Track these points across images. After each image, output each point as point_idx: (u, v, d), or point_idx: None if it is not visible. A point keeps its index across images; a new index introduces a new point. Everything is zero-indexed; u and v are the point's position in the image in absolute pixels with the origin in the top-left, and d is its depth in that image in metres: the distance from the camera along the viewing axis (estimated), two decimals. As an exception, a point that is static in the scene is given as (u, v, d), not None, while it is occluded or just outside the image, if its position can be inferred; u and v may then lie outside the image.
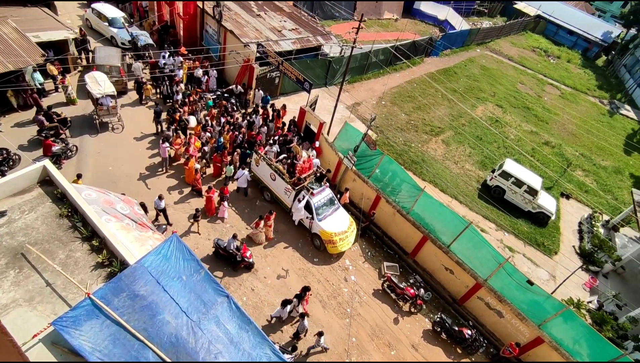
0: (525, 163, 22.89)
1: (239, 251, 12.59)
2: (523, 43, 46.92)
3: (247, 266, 13.00)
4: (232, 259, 12.74)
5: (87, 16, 22.25)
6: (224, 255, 12.77)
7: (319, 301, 13.20)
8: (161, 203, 13.18)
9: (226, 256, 12.78)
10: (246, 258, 12.77)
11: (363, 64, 26.17)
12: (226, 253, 12.71)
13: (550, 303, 12.71)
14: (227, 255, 12.72)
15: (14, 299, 6.70)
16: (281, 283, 13.31)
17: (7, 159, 13.40)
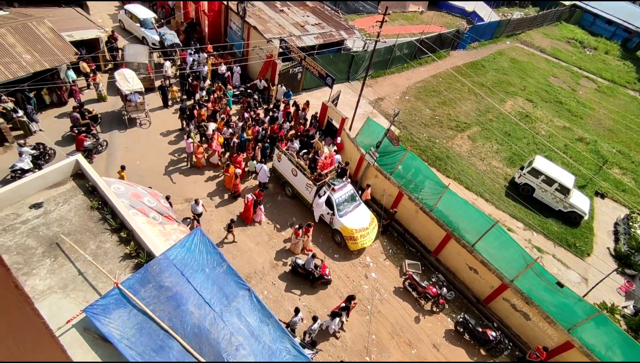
0: (556, 160, 21.94)
1: (317, 269, 12.80)
2: (557, 34, 44.81)
3: (324, 282, 13.15)
4: (310, 276, 12.94)
5: (120, 17, 22.98)
6: (302, 273, 12.97)
7: (339, 297, 13.20)
8: (198, 207, 13.27)
9: (304, 274, 12.97)
10: (325, 276, 12.90)
11: (387, 59, 25.77)
12: (304, 271, 12.89)
13: (581, 306, 12.17)
14: (305, 272, 12.91)
15: (50, 286, 7.05)
16: (301, 279, 13.38)
17: (44, 154, 14.08)
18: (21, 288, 1.47)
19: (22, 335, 1.49)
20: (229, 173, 14.88)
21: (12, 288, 1.39)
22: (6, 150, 14.51)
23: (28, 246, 7.45)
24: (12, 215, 7.91)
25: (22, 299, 1.43)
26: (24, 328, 1.47)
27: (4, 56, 14.67)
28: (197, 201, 13.29)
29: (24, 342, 1.53)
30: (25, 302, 1.44)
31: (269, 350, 7.29)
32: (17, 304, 1.41)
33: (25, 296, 1.43)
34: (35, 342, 1.59)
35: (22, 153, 13.24)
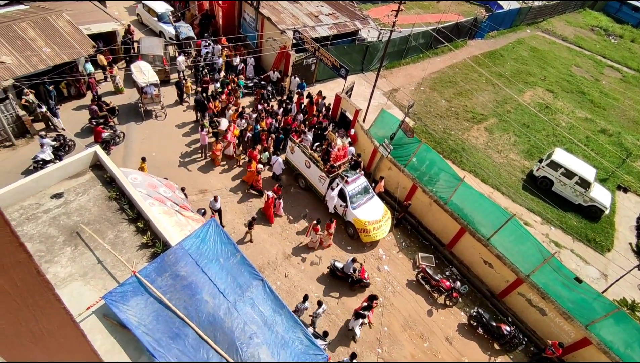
0: (577, 153, 21.30)
1: (355, 272, 12.76)
2: (580, 22, 43.13)
3: (363, 285, 13.11)
4: (349, 279, 12.91)
5: (138, 11, 23.19)
6: (341, 275, 12.95)
7: (351, 290, 13.24)
8: (216, 204, 13.23)
9: (343, 276, 12.95)
10: (364, 280, 12.84)
11: (402, 49, 25.32)
12: (343, 274, 12.88)
13: (600, 303, 11.90)
14: (344, 275, 12.90)
15: (71, 274, 7.29)
16: (314, 270, 13.48)
17: (64, 145, 14.46)
18: (43, 274, 1.53)
19: (44, 320, 1.55)
20: (251, 168, 14.83)
21: (35, 274, 1.45)
22: (28, 142, 14.95)
23: (50, 234, 7.70)
24: (34, 205, 8.17)
25: (44, 285, 1.48)
26: (46, 313, 1.53)
27: (26, 50, 15.03)
28: (216, 198, 13.26)
29: (46, 326, 1.59)
30: (47, 288, 1.49)
31: (282, 340, 7.38)
32: (39, 290, 1.47)
33: (46, 282, 1.49)
34: (56, 327, 1.65)
35: (44, 144, 13.62)
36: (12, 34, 15.19)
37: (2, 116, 13.93)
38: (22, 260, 1.48)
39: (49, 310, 1.69)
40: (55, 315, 1.73)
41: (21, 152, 14.49)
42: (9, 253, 1.43)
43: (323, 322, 12.09)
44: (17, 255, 1.46)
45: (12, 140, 14.56)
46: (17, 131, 14.81)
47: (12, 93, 14.24)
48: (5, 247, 1.41)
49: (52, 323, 1.73)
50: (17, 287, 1.51)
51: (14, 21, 15.58)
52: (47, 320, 1.70)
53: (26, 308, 1.57)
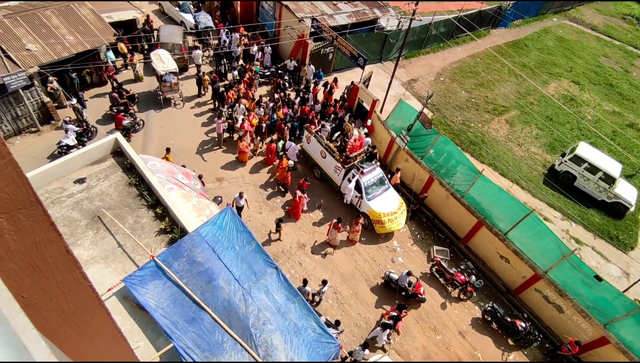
0: (602, 147, 20.55)
1: (410, 286, 12.53)
2: (611, 10, 41.14)
3: (418, 300, 12.81)
4: (403, 292, 12.69)
5: (160, 1, 23.33)
6: (395, 287, 12.73)
7: (364, 279, 13.28)
8: (241, 200, 13.07)
9: (396, 288, 12.73)
10: (420, 294, 12.52)
11: (422, 38, 24.75)
12: (397, 286, 12.68)
13: (620, 302, 11.59)
14: (398, 288, 12.68)
15: (93, 256, 7.55)
16: (327, 260, 13.56)
17: (87, 131, 14.85)
18: (72, 253, 1.62)
19: (72, 297, 1.65)
20: (282, 165, 14.67)
21: (64, 253, 1.53)
22: (53, 128, 15.40)
23: (73, 218, 7.97)
24: (58, 189, 8.45)
25: (73, 263, 1.57)
26: (74, 291, 1.62)
27: (50, 37, 15.38)
28: (241, 194, 13.12)
29: (75, 303, 1.69)
30: (75, 266, 1.58)
31: (295, 327, 7.49)
32: (68, 268, 1.56)
33: (75, 261, 1.58)
34: (83, 304, 1.75)
35: (68, 129, 14.01)
36: (37, 22, 15.54)
37: (27, 102, 14.37)
38: (53, 238, 1.55)
39: (76, 287, 1.77)
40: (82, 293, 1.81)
41: (46, 137, 14.95)
42: (41, 232, 1.49)
43: (336, 311, 12.20)
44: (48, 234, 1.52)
45: (37, 126, 15.03)
46: (42, 117, 15.27)
47: (37, 80, 14.64)
48: (38, 225, 1.47)
49: (79, 300, 1.81)
50: (48, 264, 1.58)
51: (38, 9, 15.93)
52: (75, 297, 1.78)
53: (56, 285, 1.65)
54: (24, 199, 1.40)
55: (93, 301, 1.91)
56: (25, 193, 1.39)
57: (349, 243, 14.18)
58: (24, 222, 1.44)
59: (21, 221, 1.43)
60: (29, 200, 1.41)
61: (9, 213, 1.38)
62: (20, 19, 15.21)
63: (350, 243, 14.17)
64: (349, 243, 14.16)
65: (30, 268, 1.52)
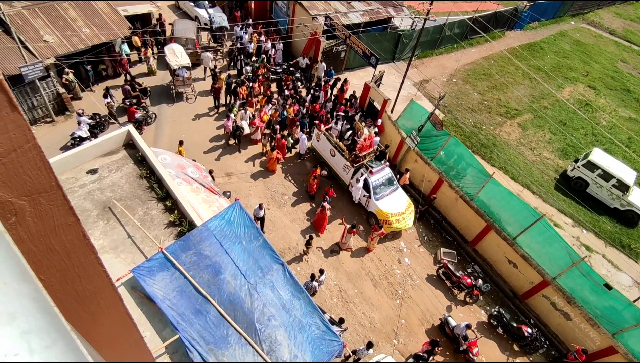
0: (617, 154, 20.15)
1: (465, 341, 11.58)
2: (631, 14, 40.21)
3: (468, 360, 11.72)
4: (454, 343, 11.97)
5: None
6: (448, 334, 12.07)
7: (370, 279, 13.26)
8: (260, 211, 12.80)
9: (450, 336, 12.05)
10: (471, 354, 11.41)
11: (435, 38, 24.53)
12: (451, 334, 11.96)
13: (631, 311, 11.39)
14: (451, 336, 11.99)
15: (103, 246, 7.67)
16: (334, 258, 13.57)
17: (99, 123, 15.06)
18: (88, 238, 1.66)
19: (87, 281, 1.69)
20: (316, 173, 14.46)
21: (81, 237, 1.56)
22: (67, 118, 15.66)
23: (85, 208, 8.10)
24: (71, 179, 8.59)
25: (89, 248, 1.61)
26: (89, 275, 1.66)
27: (66, 30, 15.62)
28: (261, 205, 12.81)
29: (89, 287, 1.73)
30: (91, 251, 1.62)
31: (299, 324, 7.52)
32: (84, 252, 1.59)
33: (91, 246, 1.61)
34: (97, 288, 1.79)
35: (81, 121, 14.23)
36: (55, 14, 15.80)
37: (44, 92, 14.63)
38: (71, 223, 1.58)
39: (91, 272, 1.81)
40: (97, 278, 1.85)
41: (60, 128, 15.21)
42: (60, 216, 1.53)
43: (340, 309, 12.20)
44: (67, 218, 1.56)
45: (52, 116, 15.30)
46: (57, 108, 15.53)
47: (53, 71, 14.88)
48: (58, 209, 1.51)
49: (94, 284, 1.85)
50: (65, 248, 1.61)
51: (56, 1, 16.19)
52: (90, 281, 1.81)
53: (73, 268, 1.69)
54: (46, 183, 1.43)
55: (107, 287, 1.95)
56: (47, 176, 1.42)
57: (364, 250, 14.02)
58: (45, 206, 1.47)
59: (42, 205, 1.46)
60: (50, 184, 1.45)
61: (31, 196, 1.42)
62: (39, 11, 15.48)
63: (365, 250, 13.96)
64: (356, 243, 14.13)
65: (49, 251, 1.55)
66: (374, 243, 13.83)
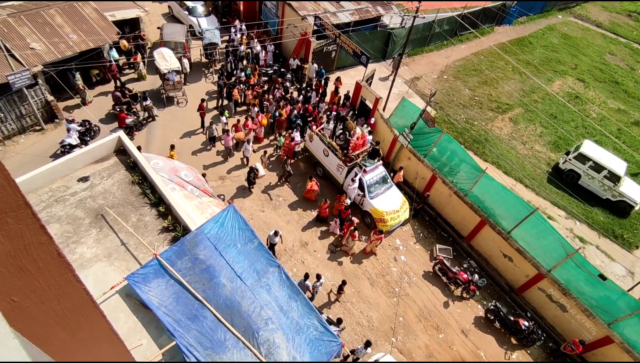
0: (607, 145, 20.39)
1: None
2: (616, 7, 40.70)
3: None
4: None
5: (169, 4, 23.15)
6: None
7: (367, 278, 13.28)
8: (276, 238, 12.20)
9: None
10: None
11: (425, 35, 24.63)
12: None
13: (625, 301, 11.53)
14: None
15: (96, 254, 7.58)
16: (330, 258, 13.56)
17: (90, 130, 14.90)
18: (63, 256, 1.60)
19: (66, 300, 1.63)
20: (341, 200, 13.96)
21: (56, 256, 1.51)
22: (56, 126, 15.48)
23: (77, 216, 8.01)
24: (62, 187, 8.49)
25: (65, 266, 1.56)
26: (66, 293, 1.61)
27: (53, 36, 15.44)
28: (277, 232, 12.21)
29: (68, 306, 1.68)
30: (67, 269, 1.56)
31: (297, 325, 7.50)
32: (60, 270, 1.54)
33: (67, 264, 1.56)
34: (77, 306, 1.74)
35: (70, 129, 14.07)
36: (41, 20, 15.60)
37: (32, 101, 14.44)
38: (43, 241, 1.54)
39: (69, 290, 1.76)
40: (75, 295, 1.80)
41: (49, 136, 15.03)
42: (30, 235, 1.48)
43: (338, 309, 12.21)
44: (38, 237, 1.51)
45: (41, 124, 15.11)
46: (46, 116, 15.35)
47: (41, 79, 14.70)
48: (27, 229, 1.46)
49: (73, 303, 1.80)
50: (39, 267, 1.57)
51: (42, 8, 15.99)
52: (68, 300, 1.77)
53: (48, 288, 1.64)
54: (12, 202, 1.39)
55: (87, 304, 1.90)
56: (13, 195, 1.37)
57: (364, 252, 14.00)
58: (13, 226, 1.42)
59: (9, 225, 1.41)
60: (17, 203, 1.40)
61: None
62: (25, 18, 15.28)
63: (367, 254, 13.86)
64: (351, 242, 14.13)
65: (21, 271, 1.50)
66: (373, 246, 13.73)
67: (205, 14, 21.81)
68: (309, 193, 14.80)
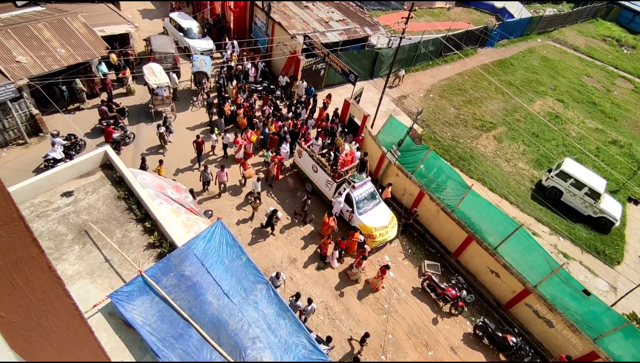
0: (587, 163, 21.05)
1: None
2: (592, 32, 42.84)
3: None
4: None
5: (164, 25, 23.19)
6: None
7: (355, 295, 13.17)
8: (278, 281, 11.64)
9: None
10: None
11: (411, 56, 25.35)
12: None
13: (609, 316, 11.69)
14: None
15: (78, 271, 7.35)
16: (319, 274, 13.44)
17: (75, 144, 14.68)
18: (54, 270, 1.56)
19: (54, 315, 1.58)
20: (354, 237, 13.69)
21: (46, 270, 1.47)
22: (41, 140, 15.19)
23: (59, 232, 7.79)
24: (45, 202, 8.28)
25: (55, 280, 1.51)
26: (55, 308, 1.56)
27: (41, 50, 15.33)
28: (278, 274, 11.65)
29: (56, 321, 1.62)
30: (57, 283, 1.52)
31: (285, 344, 7.35)
32: (50, 285, 1.50)
33: (57, 278, 1.52)
34: (65, 322, 1.68)
35: (55, 143, 13.82)
36: (28, 34, 15.51)
37: (16, 114, 14.19)
38: (34, 255, 1.51)
39: (58, 305, 1.71)
40: (64, 311, 1.75)
41: (33, 150, 14.72)
42: (21, 248, 1.45)
43: (327, 327, 12.03)
44: (30, 250, 1.48)
45: (25, 138, 14.81)
46: (30, 130, 15.07)
47: (26, 92, 14.50)
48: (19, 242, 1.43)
49: (61, 318, 1.75)
50: (28, 282, 1.53)
51: (30, 22, 15.92)
52: (57, 315, 1.71)
53: (37, 303, 1.60)
54: (5, 215, 1.36)
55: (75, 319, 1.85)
56: (6, 208, 1.35)
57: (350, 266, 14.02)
58: (5, 239, 1.39)
59: (2, 238, 1.39)
60: (10, 216, 1.38)
61: None
62: (11, 31, 15.17)
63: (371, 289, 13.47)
64: (345, 262, 14.06)
65: (10, 285, 1.46)
66: (381, 282, 13.26)
67: (201, 35, 21.93)
68: (325, 229, 14.06)
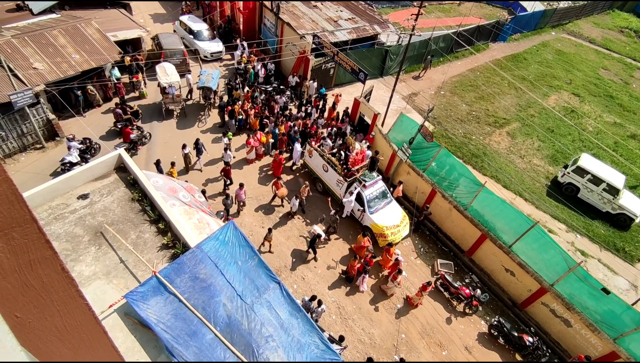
0: (605, 159, 20.50)
1: None
2: (608, 23, 41.67)
3: None
4: None
5: (174, 28, 23.55)
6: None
7: (368, 294, 13.12)
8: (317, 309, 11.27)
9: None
10: None
11: (422, 53, 25.09)
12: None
13: (630, 315, 11.37)
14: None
15: (95, 272, 7.52)
16: (331, 274, 13.43)
17: (90, 148, 14.98)
18: (67, 271, 1.60)
19: (68, 316, 1.61)
20: (364, 244, 13.37)
21: (60, 271, 1.51)
22: (57, 144, 15.56)
23: (76, 234, 7.97)
24: (62, 205, 8.48)
25: (68, 281, 1.55)
26: (69, 309, 1.59)
27: (56, 56, 15.70)
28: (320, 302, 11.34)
29: (70, 322, 1.65)
30: (71, 284, 1.56)
31: (298, 343, 7.37)
32: (64, 286, 1.53)
33: (70, 279, 1.55)
34: (79, 323, 1.71)
35: (71, 146, 14.14)
36: (45, 41, 15.90)
37: (33, 119, 14.57)
38: (48, 256, 1.54)
39: (72, 306, 1.74)
40: (78, 311, 1.78)
41: (50, 154, 15.09)
42: (35, 250, 1.48)
43: (339, 326, 12.02)
44: (43, 252, 1.51)
45: (42, 142, 15.20)
46: (47, 134, 15.45)
47: (43, 98, 14.87)
48: (33, 243, 1.46)
49: (75, 319, 1.78)
50: (42, 283, 1.56)
51: (46, 29, 16.32)
52: (71, 316, 1.75)
53: (51, 303, 1.63)
54: (19, 217, 1.39)
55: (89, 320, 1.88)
56: (20, 210, 1.38)
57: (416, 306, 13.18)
58: (19, 240, 1.42)
59: (15, 240, 1.41)
60: (23, 218, 1.41)
61: (3, 231, 1.37)
62: (28, 39, 15.58)
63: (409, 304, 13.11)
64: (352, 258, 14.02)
65: (25, 286, 1.50)
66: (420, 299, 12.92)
67: (211, 37, 22.23)
68: (359, 249, 13.64)
